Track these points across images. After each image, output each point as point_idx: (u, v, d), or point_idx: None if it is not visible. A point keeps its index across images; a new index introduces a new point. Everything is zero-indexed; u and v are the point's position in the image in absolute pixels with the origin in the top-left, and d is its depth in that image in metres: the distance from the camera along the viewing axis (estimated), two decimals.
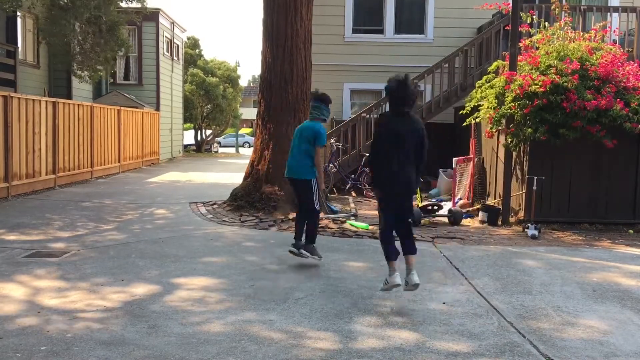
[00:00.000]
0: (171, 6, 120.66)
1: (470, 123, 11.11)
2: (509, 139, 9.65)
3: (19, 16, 16.02)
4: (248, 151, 34.57)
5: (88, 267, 6.53)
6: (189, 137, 36.65)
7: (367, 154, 5.79)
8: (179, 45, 28.02)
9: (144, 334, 4.55)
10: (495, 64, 10.99)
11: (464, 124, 11.35)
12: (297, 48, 10.83)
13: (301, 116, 10.94)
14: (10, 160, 11.60)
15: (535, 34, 10.85)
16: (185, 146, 32.21)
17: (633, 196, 9.78)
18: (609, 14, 12.43)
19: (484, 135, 11.48)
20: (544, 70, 9.54)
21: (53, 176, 13.62)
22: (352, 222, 9.72)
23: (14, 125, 11.75)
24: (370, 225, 9.34)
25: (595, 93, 9.19)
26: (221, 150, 40.98)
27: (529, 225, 9.05)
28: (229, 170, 21.15)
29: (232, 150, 41.49)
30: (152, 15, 22.29)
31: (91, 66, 16.22)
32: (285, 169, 7.02)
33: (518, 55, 10.12)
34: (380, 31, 16.19)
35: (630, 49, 12.13)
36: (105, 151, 17.03)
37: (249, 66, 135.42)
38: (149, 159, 22.01)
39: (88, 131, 15.65)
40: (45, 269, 6.42)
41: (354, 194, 13.29)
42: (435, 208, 10.46)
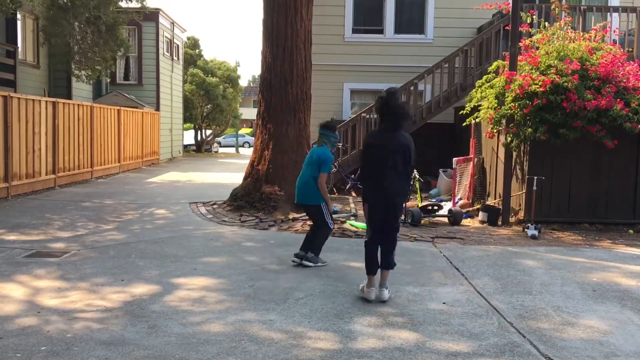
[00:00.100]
0: (171, 6, 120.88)
1: (470, 123, 11.11)
2: (509, 139, 9.65)
3: (19, 16, 16.02)
4: (248, 151, 34.58)
5: (88, 267, 6.54)
6: (189, 137, 36.65)
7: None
8: (179, 45, 28.02)
9: (144, 334, 4.55)
10: (495, 64, 10.99)
11: (464, 124, 11.35)
12: (297, 48, 10.83)
13: (301, 116, 10.95)
14: (10, 160, 11.61)
15: (536, 34, 10.85)
16: (185, 146, 32.21)
17: (633, 196, 9.78)
18: (609, 14, 12.43)
19: (484, 135, 11.48)
20: (544, 70, 9.54)
21: (53, 176, 13.63)
22: (352, 222, 9.72)
23: (14, 125, 11.76)
24: None
25: (596, 93, 9.19)
26: (221, 150, 40.97)
27: (529, 225, 9.05)
28: (229, 170, 21.16)
29: (232, 150, 41.48)
30: (152, 15, 22.29)
31: (90, 66, 16.22)
32: (295, 191, 7.09)
33: (518, 55, 10.12)
34: (380, 31, 16.18)
35: (630, 49, 12.13)
36: (105, 151, 17.03)
37: (249, 66, 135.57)
38: (149, 159, 22.01)
39: (88, 131, 15.65)
40: (45, 269, 6.42)
41: (354, 194, 13.28)
42: (435, 208, 10.46)
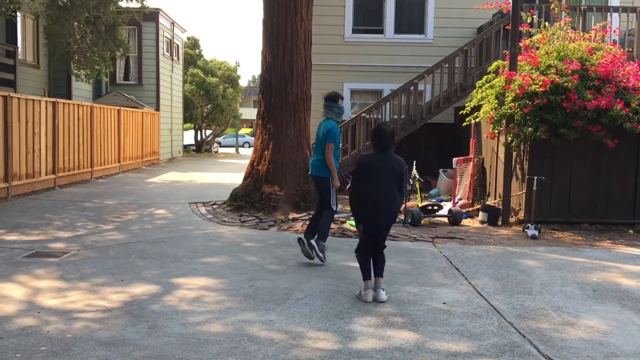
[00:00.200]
0: (171, 6, 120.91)
1: (470, 123, 11.11)
2: (510, 139, 9.65)
3: (18, 16, 16.02)
4: (248, 151, 34.58)
5: (88, 267, 6.53)
6: (189, 137, 36.66)
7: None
8: (178, 45, 28.02)
9: (144, 334, 4.55)
10: (495, 63, 10.99)
11: (464, 124, 11.35)
12: (297, 48, 10.82)
13: (301, 116, 10.94)
14: (10, 161, 11.60)
15: (536, 34, 10.85)
16: (185, 146, 32.21)
17: (633, 196, 9.78)
18: (609, 14, 12.42)
19: (484, 135, 11.48)
20: (544, 70, 9.55)
21: (53, 176, 13.62)
22: (352, 222, 9.71)
23: (14, 126, 11.75)
24: None
25: (596, 93, 9.19)
26: (221, 150, 40.97)
27: (529, 225, 9.05)
28: (228, 170, 21.16)
29: (232, 150, 41.48)
30: (152, 15, 22.29)
31: (89, 65, 16.22)
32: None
33: (518, 55, 10.12)
34: (380, 31, 16.19)
35: (630, 49, 12.12)
36: (105, 151, 17.03)
37: (249, 66, 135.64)
38: (149, 159, 22.01)
39: (88, 131, 15.65)
40: (45, 269, 6.42)
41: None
42: (435, 208, 10.46)
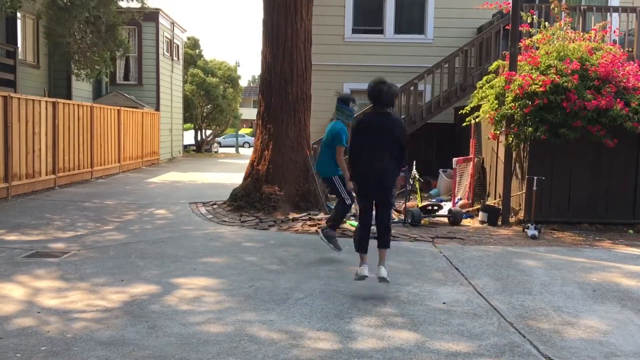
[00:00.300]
0: (171, 6, 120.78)
1: (470, 123, 11.11)
2: (510, 139, 9.65)
3: (19, 16, 16.02)
4: (248, 151, 34.57)
5: (88, 268, 6.53)
6: (189, 137, 36.66)
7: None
8: (179, 46, 28.02)
9: (144, 334, 4.55)
10: (495, 64, 10.99)
11: (464, 124, 11.35)
12: (297, 48, 10.82)
13: (301, 116, 10.93)
14: (10, 161, 11.60)
15: (536, 34, 10.85)
16: (185, 146, 32.22)
17: (633, 196, 9.78)
18: (609, 14, 12.43)
19: (484, 135, 11.48)
20: (544, 70, 9.55)
21: (53, 176, 13.62)
22: (352, 222, 9.71)
23: (14, 126, 11.75)
24: None
25: (596, 93, 9.19)
26: (221, 150, 40.97)
27: (529, 225, 9.04)
28: (228, 170, 21.16)
29: (232, 150, 41.48)
30: (152, 15, 22.29)
31: (89, 65, 16.22)
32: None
33: (518, 55, 10.12)
34: (380, 31, 16.19)
35: (630, 49, 12.13)
36: (105, 151, 17.03)
37: (249, 66, 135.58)
38: (149, 159, 22.01)
39: (88, 131, 15.65)
40: (45, 269, 6.42)
41: (354, 194, 13.27)
42: (435, 208, 10.46)
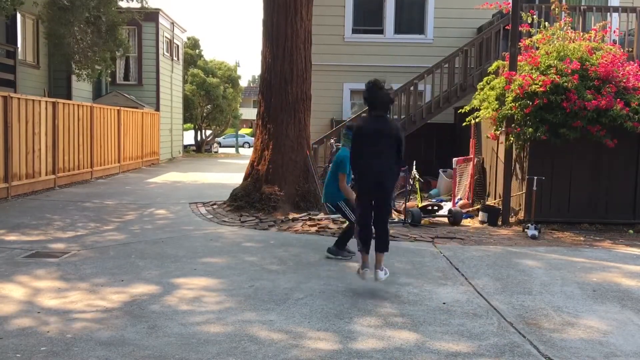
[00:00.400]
0: (171, 6, 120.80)
1: (470, 123, 11.11)
2: (512, 139, 9.64)
3: (18, 16, 16.02)
4: (248, 151, 34.57)
5: (88, 268, 6.53)
6: (189, 138, 36.66)
7: None
8: (178, 46, 28.02)
9: (144, 334, 4.55)
10: (495, 64, 10.98)
11: (464, 124, 11.35)
12: (297, 48, 10.82)
13: (301, 116, 10.93)
14: (10, 161, 11.60)
15: (536, 34, 10.85)
16: (185, 146, 32.21)
17: (633, 196, 9.78)
18: (608, 14, 12.43)
19: (484, 135, 11.48)
20: (544, 70, 9.55)
21: (53, 176, 13.62)
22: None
23: (14, 126, 11.75)
24: None
25: (596, 93, 9.19)
26: (221, 150, 40.95)
27: (529, 225, 9.04)
28: (228, 170, 21.16)
29: (232, 150, 41.47)
30: (152, 15, 22.29)
31: (90, 66, 16.23)
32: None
33: (518, 55, 10.12)
34: (380, 31, 16.19)
35: (630, 49, 12.13)
36: (105, 151, 17.03)
37: (249, 66, 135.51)
38: (149, 159, 22.01)
39: (88, 131, 15.64)
40: (45, 270, 6.42)
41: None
42: (435, 208, 10.46)
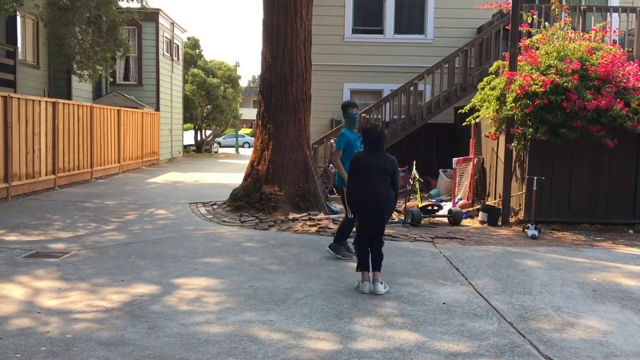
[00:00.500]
0: (171, 6, 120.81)
1: (470, 123, 11.11)
2: (513, 140, 9.63)
3: (18, 16, 16.02)
4: (248, 151, 34.57)
5: (88, 268, 6.53)
6: (189, 138, 36.66)
7: None
8: (178, 46, 28.01)
9: (144, 334, 4.55)
10: (495, 64, 10.97)
11: (464, 124, 11.35)
12: (297, 48, 10.82)
13: (301, 116, 10.93)
14: (10, 161, 11.60)
15: (536, 34, 10.84)
16: (185, 146, 32.21)
17: (633, 196, 9.78)
18: (608, 14, 12.43)
19: (484, 135, 11.48)
20: (544, 70, 9.54)
21: (53, 176, 13.62)
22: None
23: (14, 126, 11.75)
24: None
25: (596, 93, 9.19)
26: (221, 150, 40.95)
27: (529, 225, 9.04)
28: (228, 170, 21.16)
29: (232, 150, 41.47)
30: (152, 15, 22.29)
31: (91, 66, 16.23)
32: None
33: (518, 55, 10.12)
34: (380, 31, 16.19)
35: (630, 49, 12.13)
36: (105, 151, 17.03)
37: (249, 66, 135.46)
38: (149, 159, 22.00)
39: (88, 131, 15.64)
40: (45, 270, 6.42)
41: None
42: (435, 208, 10.46)
